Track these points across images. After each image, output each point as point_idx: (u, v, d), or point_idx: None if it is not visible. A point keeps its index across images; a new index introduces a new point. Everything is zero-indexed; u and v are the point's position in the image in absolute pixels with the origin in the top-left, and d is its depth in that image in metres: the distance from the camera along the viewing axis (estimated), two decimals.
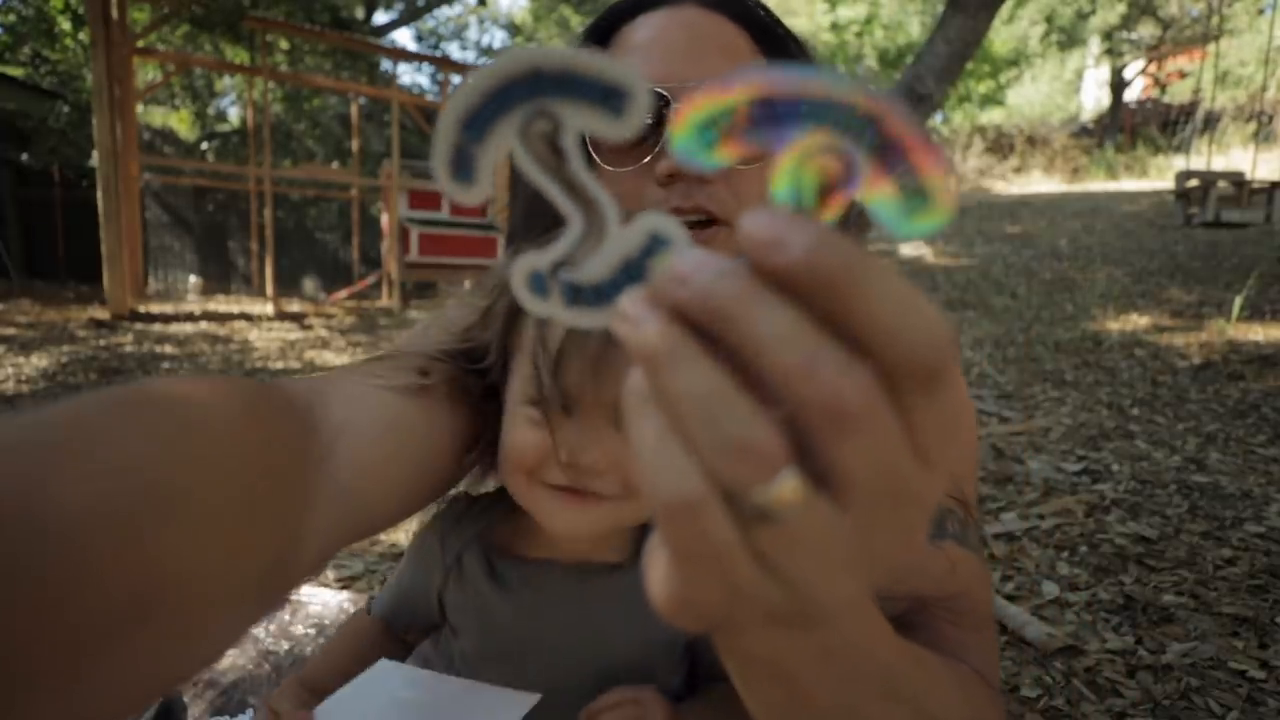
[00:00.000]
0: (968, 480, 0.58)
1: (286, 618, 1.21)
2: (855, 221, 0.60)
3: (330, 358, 4.59)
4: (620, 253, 0.25)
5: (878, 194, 0.21)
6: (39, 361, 4.22)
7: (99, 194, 5.17)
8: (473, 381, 0.58)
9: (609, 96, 0.23)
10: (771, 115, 0.21)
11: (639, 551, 0.60)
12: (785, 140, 0.22)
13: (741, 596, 0.23)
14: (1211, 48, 13.59)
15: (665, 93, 0.58)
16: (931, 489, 0.22)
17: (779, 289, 0.21)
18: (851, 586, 0.23)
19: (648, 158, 0.60)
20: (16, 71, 8.05)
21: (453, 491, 0.67)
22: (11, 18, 7.66)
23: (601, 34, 0.66)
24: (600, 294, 0.25)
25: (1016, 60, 15.07)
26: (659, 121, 0.59)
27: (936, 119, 13.53)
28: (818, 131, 0.21)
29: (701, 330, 0.22)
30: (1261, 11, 14.08)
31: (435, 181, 0.24)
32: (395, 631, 0.70)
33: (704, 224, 0.59)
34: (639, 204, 0.59)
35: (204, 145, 9.11)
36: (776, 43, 0.64)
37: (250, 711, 0.92)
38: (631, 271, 0.25)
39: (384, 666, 0.63)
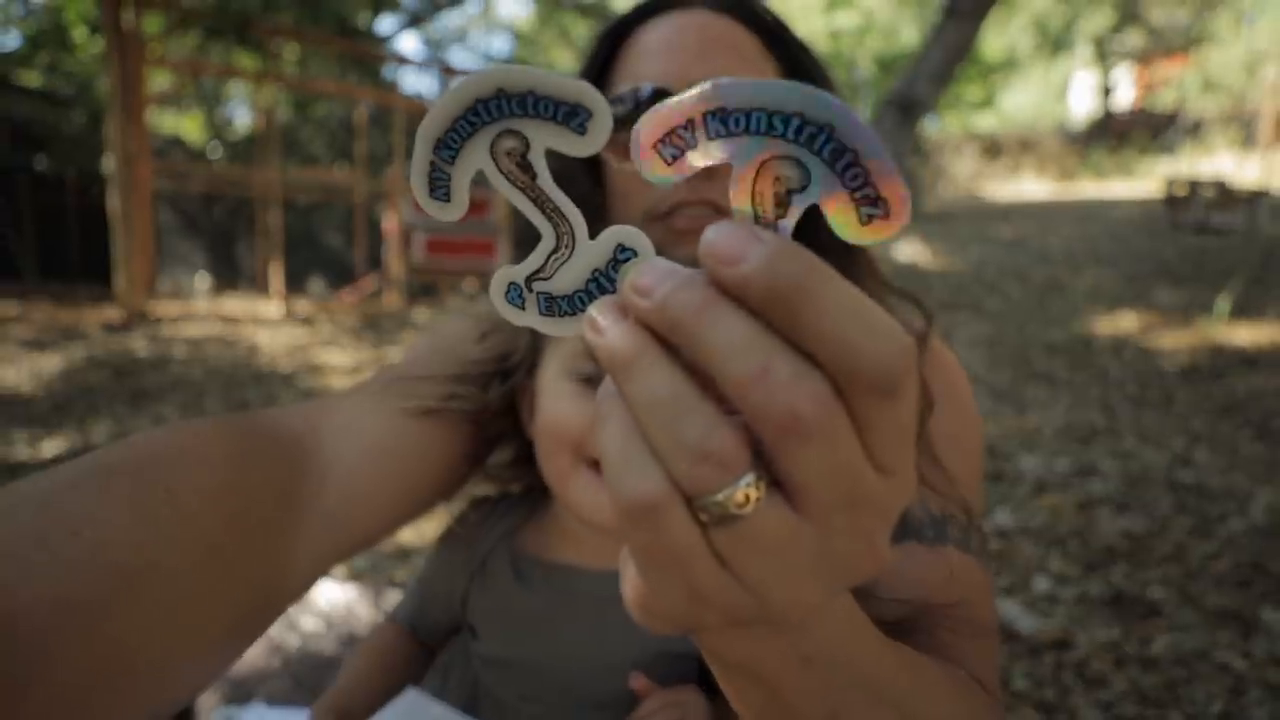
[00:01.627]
0: (971, 486, 0.57)
1: (294, 612, 1.23)
2: (818, 228, 0.61)
3: (337, 358, 4.60)
4: (590, 264, 0.25)
5: (833, 202, 0.22)
6: (54, 362, 4.21)
7: (112, 198, 5.18)
8: (495, 389, 0.58)
9: (573, 114, 0.24)
10: (726, 127, 0.22)
11: None
12: (741, 150, 0.22)
13: (703, 600, 0.23)
14: (1196, 54, 13.79)
15: (664, 90, 0.58)
16: (891, 496, 0.22)
17: (738, 300, 0.21)
18: (814, 591, 0.23)
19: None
20: (34, 79, 8.15)
21: (477, 494, 0.68)
22: (29, 28, 7.72)
23: (614, 38, 0.66)
24: (573, 303, 0.26)
25: (1007, 66, 15.24)
26: None
27: (930, 123, 13.64)
28: (773, 141, 0.22)
29: (664, 340, 0.22)
30: (1241, 19, 14.29)
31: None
32: (420, 638, 0.69)
33: (712, 215, 0.60)
34: (651, 203, 0.60)
35: (213, 151, 9.10)
36: (785, 46, 0.65)
37: (255, 703, 0.93)
38: (601, 282, 0.25)
39: (412, 698, 0.61)
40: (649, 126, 0.23)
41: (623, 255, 0.25)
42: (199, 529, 0.35)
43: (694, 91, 0.22)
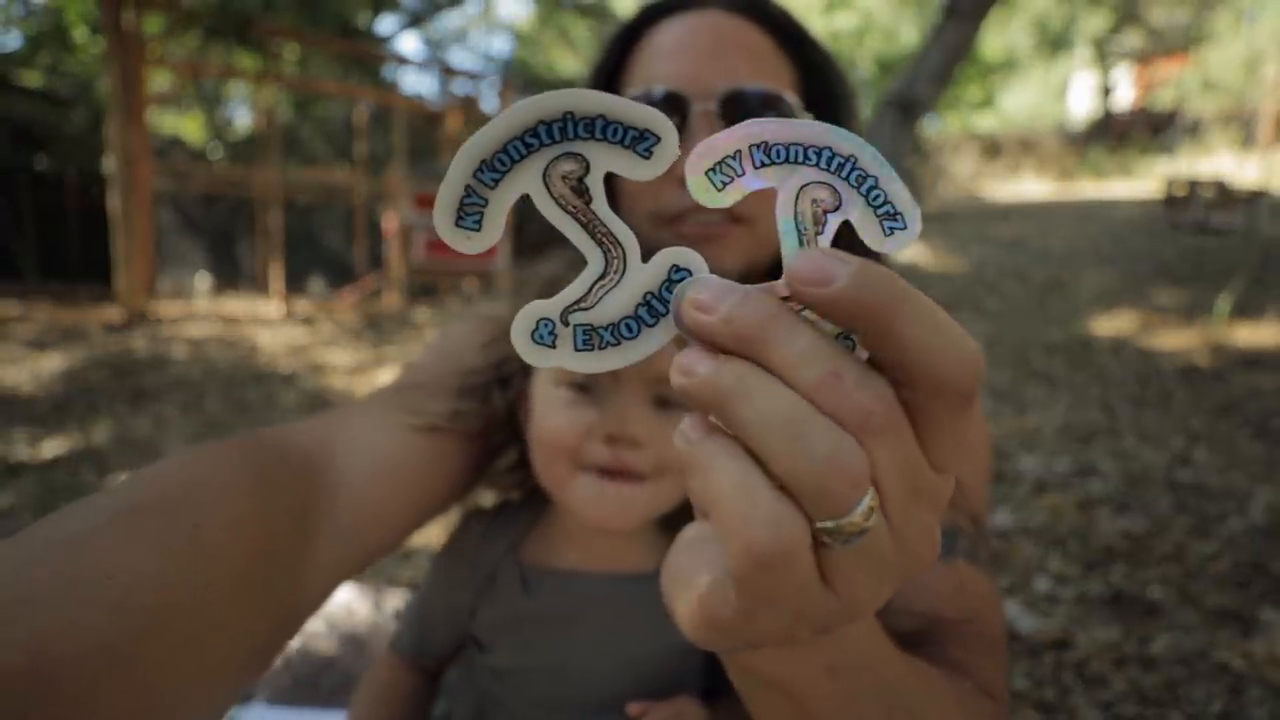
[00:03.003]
0: (979, 496, 0.57)
1: None
2: (852, 243, 0.62)
3: (337, 358, 4.60)
4: (642, 287, 0.25)
5: (861, 216, 0.25)
6: (55, 362, 4.22)
7: (113, 198, 5.17)
8: (496, 398, 0.59)
9: (641, 138, 0.24)
10: (770, 158, 0.25)
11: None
12: (783, 177, 0.25)
13: (803, 619, 0.23)
14: (1195, 54, 13.79)
15: (686, 95, 0.59)
16: (945, 490, 0.24)
17: (824, 316, 0.22)
18: (891, 587, 0.24)
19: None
20: (35, 79, 8.16)
21: (472, 507, 0.67)
22: (30, 29, 7.75)
23: (627, 37, 0.66)
24: (617, 332, 0.25)
25: (1006, 66, 15.24)
26: (680, 125, 0.59)
27: (930, 123, 13.64)
28: (809, 170, 0.25)
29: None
30: (1241, 18, 14.29)
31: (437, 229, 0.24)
32: (424, 664, 0.67)
33: (725, 222, 0.60)
34: (659, 205, 0.60)
35: (213, 151, 9.11)
36: (798, 45, 0.64)
37: (256, 702, 0.94)
38: (653, 304, 0.25)
39: None
40: (704, 155, 0.25)
41: (677, 275, 0.25)
42: (225, 562, 0.36)
43: (741, 129, 0.25)
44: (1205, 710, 1.53)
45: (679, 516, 0.57)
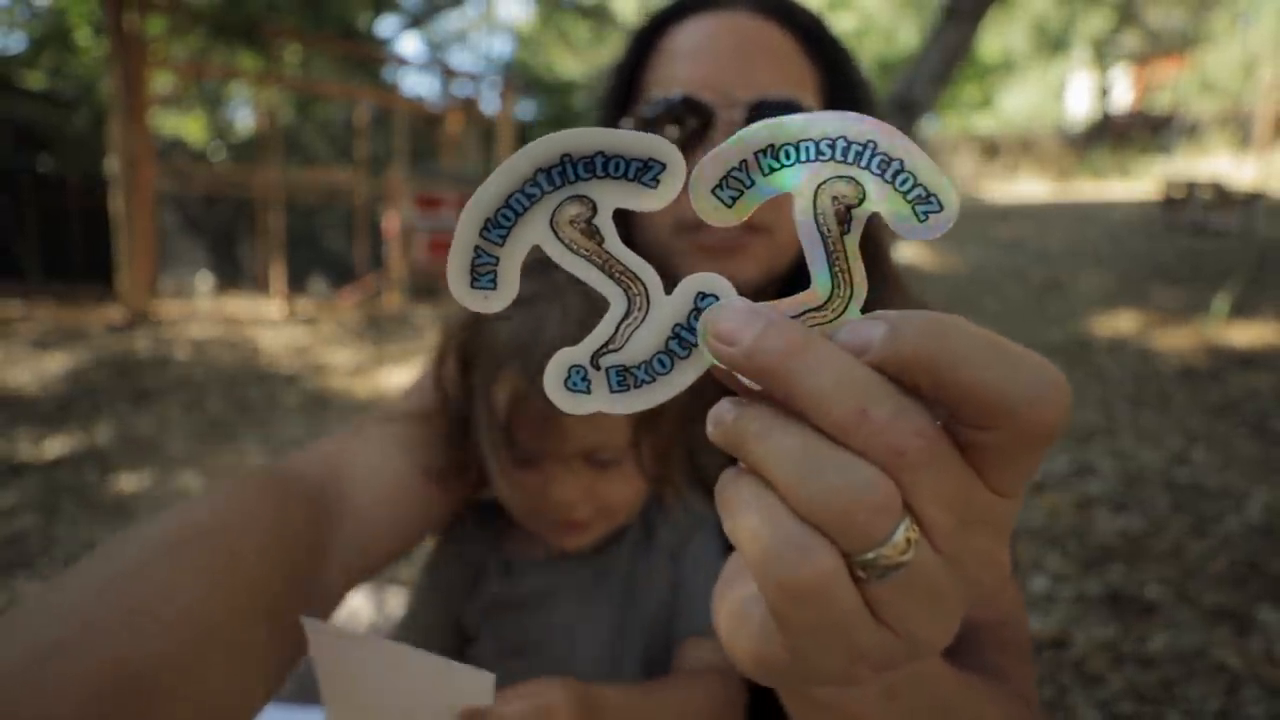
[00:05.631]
0: None
1: None
2: (881, 233, 0.61)
3: (339, 358, 4.61)
4: (670, 320, 0.24)
5: (891, 205, 0.23)
6: (57, 362, 4.22)
7: (115, 199, 5.18)
8: (464, 436, 0.62)
9: (645, 169, 0.23)
10: (779, 160, 0.23)
11: (642, 521, 0.64)
12: (797, 178, 0.23)
13: (860, 658, 0.22)
14: (1193, 56, 13.80)
15: (710, 103, 0.57)
16: (1008, 512, 0.23)
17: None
18: (956, 618, 0.23)
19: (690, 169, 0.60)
20: (38, 81, 8.18)
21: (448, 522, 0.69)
22: (33, 31, 7.76)
23: (648, 35, 0.64)
24: (651, 369, 0.24)
25: (1005, 67, 15.27)
26: (702, 131, 0.58)
27: (929, 124, 13.66)
28: (824, 165, 0.23)
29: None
30: (1238, 20, 14.33)
31: (453, 291, 0.23)
32: None
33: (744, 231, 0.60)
34: (679, 215, 0.59)
35: (215, 152, 9.11)
36: (821, 45, 0.63)
37: None
38: (683, 336, 0.24)
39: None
40: (706, 173, 0.23)
41: (703, 303, 0.24)
42: (260, 584, 0.41)
43: (741, 135, 0.23)
44: (1202, 709, 1.54)
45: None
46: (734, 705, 0.57)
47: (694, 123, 0.58)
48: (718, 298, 0.24)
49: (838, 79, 0.64)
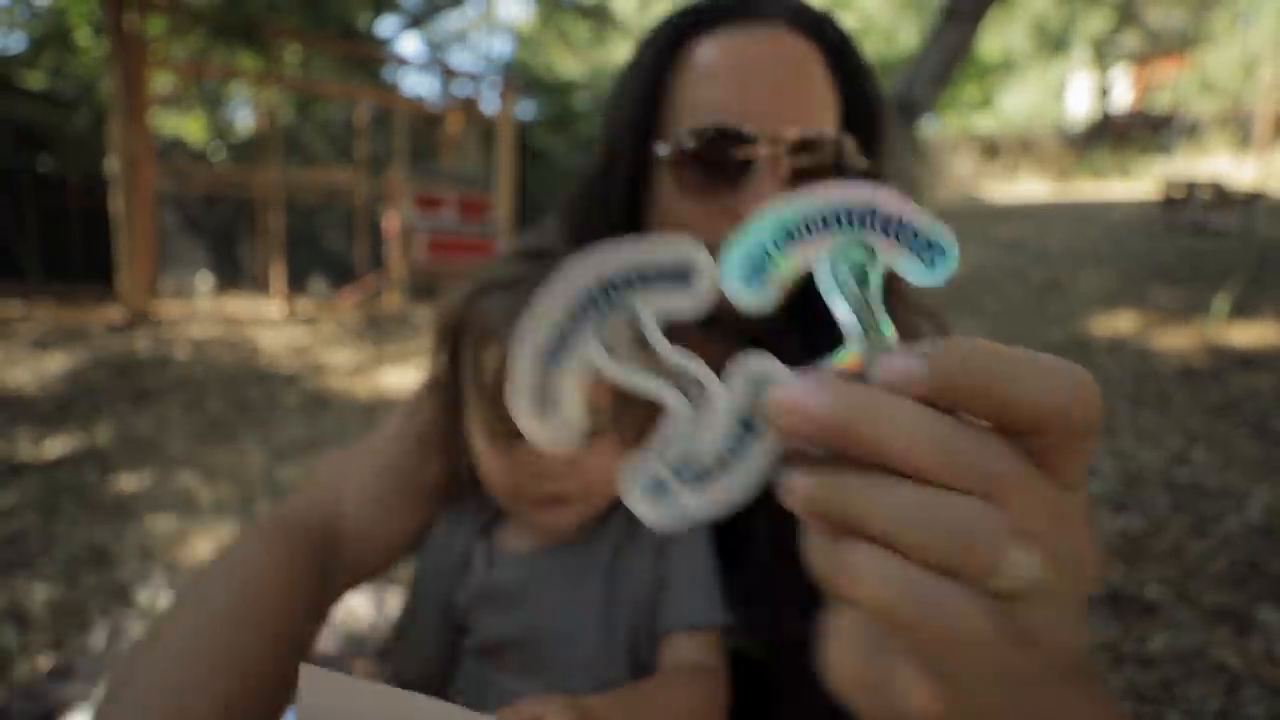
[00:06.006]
0: None
1: None
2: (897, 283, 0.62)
3: (339, 358, 4.62)
4: (732, 412, 0.24)
5: (899, 259, 0.25)
6: (57, 362, 4.23)
7: (115, 199, 5.17)
8: (451, 453, 0.65)
9: (680, 275, 0.24)
10: (793, 239, 0.25)
11: (626, 514, 0.64)
12: (814, 251, 0.25)
13: (1016, 687, 0.23)
14: (1193, 56, 13.81)
15: (752, 133, 0.55)
16: (1083, 500, 0.24)
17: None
18: (1079, 621, 0.24)
19: (729, 198, 0.57)
20: (37, 81, 8.19)
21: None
22: (33, 31, 7.76)
23: (665, 45, 0.60)
24: (725, 464, 0.25)
25: (1005, 67, 15.28)
26: (744, 165, 0.56)
27: (929, 124, 13.67)
28: (836, 234, 0.25)
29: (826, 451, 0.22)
30: (1238, 20, 14.33)
31: (515, 413, 0.24)
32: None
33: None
34: (718, 241, 0.56)
35: (215, 152, 9.11)
36: (845, 65, 0.61)
37: None
38: (749, 422, 0.25)
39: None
40: (734, 271, 0.25)
41: (759, 386, 0.25)
42: (290, 621, 0.52)
43: (756, 226, 0.25)
44: (1202, 709, 1.54)
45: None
46: (719, 704, 0.58)
47: (735, 155, 0.56)
48: (774, 378, 0.25)
49: (855, 93, 0.62)
